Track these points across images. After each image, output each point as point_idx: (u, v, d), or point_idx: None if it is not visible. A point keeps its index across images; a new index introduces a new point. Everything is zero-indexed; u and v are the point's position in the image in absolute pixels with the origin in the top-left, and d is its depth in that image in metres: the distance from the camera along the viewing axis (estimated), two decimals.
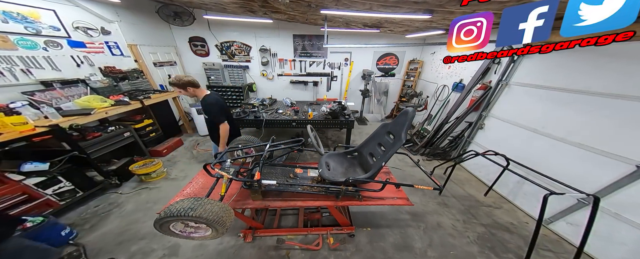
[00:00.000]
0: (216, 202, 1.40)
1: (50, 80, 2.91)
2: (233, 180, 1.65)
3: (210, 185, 1.69)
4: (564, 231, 2.49)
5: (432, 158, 4.34)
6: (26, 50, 2.72)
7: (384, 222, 2.63)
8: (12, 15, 2.60)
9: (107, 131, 3.03)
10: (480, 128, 3.68)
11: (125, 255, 2.13)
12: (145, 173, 3.18)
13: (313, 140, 2.03)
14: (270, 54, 5.69)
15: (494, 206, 3.01)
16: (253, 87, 6.04)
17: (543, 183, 2.20)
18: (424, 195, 3.14)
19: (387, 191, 1.91)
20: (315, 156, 4.08)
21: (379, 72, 6.08)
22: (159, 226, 1.37)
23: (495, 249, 2.33)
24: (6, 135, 2.10)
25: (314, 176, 2.10)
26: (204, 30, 5.20)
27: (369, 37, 5.47)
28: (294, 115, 3.96)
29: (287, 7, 3.37)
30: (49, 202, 2.42)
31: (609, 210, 2.12)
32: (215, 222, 1.31)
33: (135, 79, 4.00)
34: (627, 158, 2.00)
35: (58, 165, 2.45)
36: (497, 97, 3.37)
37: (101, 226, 2.45)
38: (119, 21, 3.82)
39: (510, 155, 2.72)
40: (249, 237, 2.29)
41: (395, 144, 1.74)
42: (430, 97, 5.30)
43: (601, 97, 2.19)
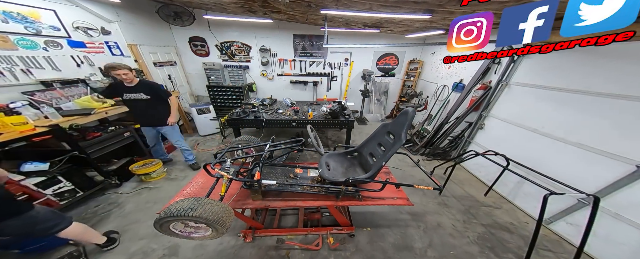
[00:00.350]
0: (216, 202, 1.40)
1: (50, 80, 2.90)
2: (233, 180, 1.65)
3: (210, 185, 1.70)
4: (564, 231, 2.49)
5: (432, 158, 4.34)
6: (26, 50, 2.72)
7: (384, 222, 2.63)
8: (12, 15, 2.60)
9: (107, 131, 3.03)
10: (480, 128, 3.68)
11: (125, 255, 2.13)
12: (145, 173, 3.18)
13: (313, 140, 2.03)
14: (270, 54, 5.69)
15: (494, 206, 3.01)
16: (253, 87, 6.04)
17: (543, 183, 2.20)
18: (424, 195, 3.14)
19: (387, 191, 1.91)
20: (315, 156, 4.08)
21: (379, 72, 6.08)
22: (159, 226, 1.37)
23: (495, 249, 2.33)
24: (6, 135, 2.10)
25: (314, 176, 2.10)
26: (204, 30, 5.20)
27: (369, 37, 5.47)
28: (294, 115, 3.96)
29: (287, 7, 3.37)
30: (49, 202, 2.41)
31: (609, 210, 2.12)
32: (215, 222, 1.32)
33: None
34: (627, 158, 2.00)
35: (58, 165, 2.44)
36: (497, 97, 3.37)
37: (101, 226, 2.45)
38: (119, 21, 3.82)
39: (510, 155, 2.72)
40: (249, 237, 2.29)
41: (395, 144, 1.74)
42: (430, 97, 5.30)
43: (601, 97, 2.19)
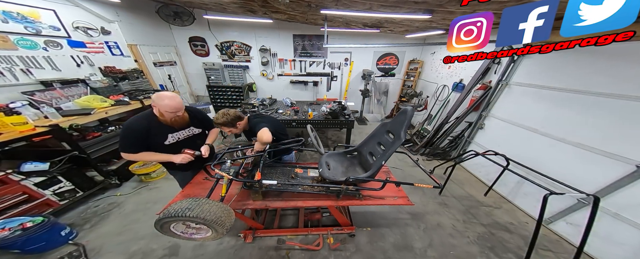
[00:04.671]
0: (215, 203, 1.40)
1: (50, 80, 2.90)
2: (233, 180, 1.65)
3: (211, 185, 1.69)
4: (564, 231, 2.49)
5: (432, 158, 4.34)
6: (26, 50, 2.72)
7: (384, 222, 2.63)
8: (12, 15, 2.60)
9: (107, 131, 3.03)
10: (480, 128, 3.68)
11: (125, 255, 2.13)
12: (145, 173, 3.18)
13: (313, 140, 2.03)
14: (270, 54, 5.69)
15: (494, 206, 3.01)
16: (253, 87, 6.04)
17: (543, 183, 2.20)
18: (424, 195, 3.14)
19: (388, 191, 1.91)
20: (315, 156, 4.08)
21: (379, 72, 6.08)
22: (160, 227, 1.37)
23: (495, 249, 2.33)
24: (6, 135, 2.10)
25: (314, 176, 2.09)
26: (204, 30, 5.20)
27: (369, 37, 5.47)
28: (294, 115, 3.96)
29: (287, 7, 3.36)
30: (48, 202, 2.42)
31: (608, 210, 2.12)
32: (213, 222, 1.31)
33: (135, 79, 4.00)
34: (627, 158, 2.00)
35: (58, 165, 2.44)
36: (497, 97, 3.37)
37: (101, 226, 2.45)
38: (119, 21, 3.82)
39: (510, 155, 2.72)
40: (249, 238, 2.29)
41: (394, 143, 1.74)
42: (430, 97, 5.30)
43: (601, 97, 2.19)
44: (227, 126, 1.91)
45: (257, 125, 1.93)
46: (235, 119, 1.91)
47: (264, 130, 1.83)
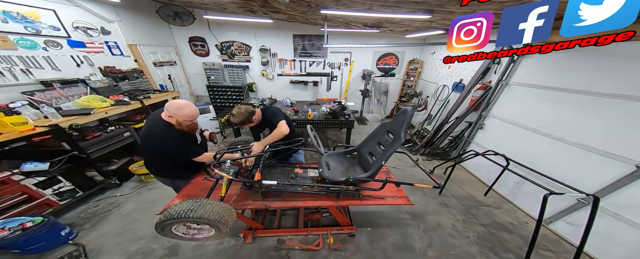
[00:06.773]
0: (216, 202, 1.40)
1: (50, 80, 2.90)
2: (233, 181, 1.64)
3: (209, 186, 1.69)
4: (564, 231, 2.49)
5: (432, 158, 4.34)
6: (26, 50, 2.72)
7: (384, 222, 2.63)
8: (12, 15, 2.60)
9: (107, 131, 3.03)
10: (480, 128, 3.68)
11: (125, 255, 2.13)
12: (145, 173, 3.18)
13: (313, 140, 2.03)
14: (270, 54, 5.69)
15: (494, 206, 3.01)
16: (253, 86, 6.04)
17: (543, 183, 2.20)
18: (424, 195, 3.14)
19: (388, 191, 1.91)
20: (315, 156, 4.08)
21: (379, 72, 6.08)
22: (161, 230, 1.37)
23: (495, 249, 2.33)
24: (6, 135, 2.10)
25: (314, 176, 2.09)
26: (204, 30, 5.20)
27: (369, 37, 5.47)
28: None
29: (287, 7, 3.36)
30: (48, 202, 2.42)
31: (609, 210, 2.12)
32: (217, 222, 1.31)
33: (135, 79, 4.00)
34: (627, 158, 2.00)
35: (58, 165, 2.44)
36: (497, 97, 3.37)
37: (101, 226, 2.45)
38: (119, 21, 3.82)
39: (510, 155, 2.72)
40: (249, 238, 2.29)
41: (394, 143, 1.74)
42: (430, 97, 5.30)
43: (601, 97, 2.19)
44: (245, 123, 1.99)
45: (275, 117, 2.07)
46: (250, 115, 1.97)
47: (283, 123, 1.99)
